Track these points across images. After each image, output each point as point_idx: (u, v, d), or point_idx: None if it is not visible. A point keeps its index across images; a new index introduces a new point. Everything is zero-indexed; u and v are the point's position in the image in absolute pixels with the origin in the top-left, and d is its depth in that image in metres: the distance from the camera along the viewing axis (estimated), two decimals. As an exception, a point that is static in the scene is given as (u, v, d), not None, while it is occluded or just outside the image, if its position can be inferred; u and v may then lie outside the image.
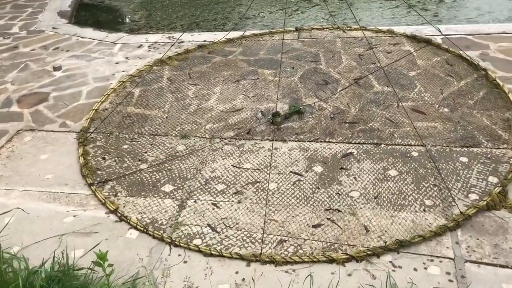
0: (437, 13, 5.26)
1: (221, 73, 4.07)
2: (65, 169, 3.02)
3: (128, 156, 3.12)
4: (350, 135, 3.23)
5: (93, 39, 4.98)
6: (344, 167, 2.93)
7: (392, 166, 2.89)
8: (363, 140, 3.16)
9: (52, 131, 3.44)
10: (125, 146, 3.23)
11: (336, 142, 3.17)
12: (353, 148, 3.08)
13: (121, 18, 5.89)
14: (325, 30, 4.76)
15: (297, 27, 4.83)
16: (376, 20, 5.18)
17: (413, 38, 4.35)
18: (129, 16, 5.90)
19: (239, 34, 4.79)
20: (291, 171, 2.92)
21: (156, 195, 2.78)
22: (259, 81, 3.92)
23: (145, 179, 2.91)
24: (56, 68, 4.30)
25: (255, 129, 3.35)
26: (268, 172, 2.89)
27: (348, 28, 4.69)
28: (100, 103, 3.73)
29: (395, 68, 3.92)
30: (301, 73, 3.97)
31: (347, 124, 3.35)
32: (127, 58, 4.47)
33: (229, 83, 3.92)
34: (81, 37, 5.05)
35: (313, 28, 4.80)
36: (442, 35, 4.38)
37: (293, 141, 3.19)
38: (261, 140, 3.23)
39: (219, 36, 4.81)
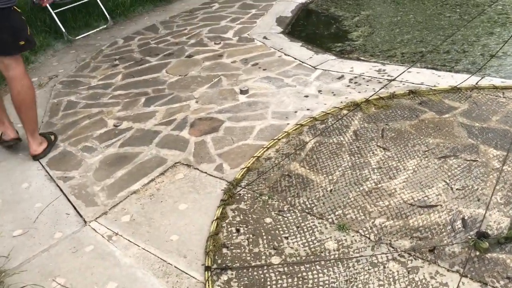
0: None
1: (425, 139, 3.02)
2: (193, 232, 2.57)
3: (265, 237, 2.48)
4: None
5: (295, 59, 4.43)
6: None
7: None
8: None
9: (205, 172, 3.04)
10: (268, 220, 2.59)
11: None
12: None
13: (338, 33, 5.18)
14: None
15: None
16: None
17: None
18: (348, 32, 5.14)
19: (472, 81, 3.56)
20: None
21: (270, 317, 2.09)
22: (477, 165, 2.74)
23: (268, 283, 2.23)
24: (243, 92, 3.91)
25: (443, 248, 2.28)
26: None
27: None
28: (265, 149, 3.18)
29: None
30: (548, 167, 2.63)
31: None
32: (320, 91, 3.78)
33: (431, 158, 2.85)
34: (285, 54, 4.56)
35: None
36: None
37: (500, 289, 2.04)
38: (447, 270, 2.16)
39: (443, 80, 3.67)
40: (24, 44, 3.22)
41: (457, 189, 2.60)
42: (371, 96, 3.51)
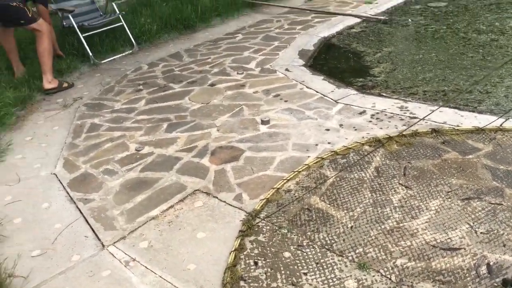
0: None
1: (448, 180, 2.99)
2: (211, 262, 2.54)
3: (283, 272, 2.44)
4: None
5: (316, 92, 4.46)
6: None
7: None
8: None
9: (224, 202, 3.03)
10: (287, 254, 2.56)
11: None
12: None
13: (359, 69, 5.22)
14: None
15: None
16: None
17: None
18: (369, 68, 5.18)
19: (496, 122, 3.53)
20: None
21: None
22: (502, 209, 2.69)
23: (285, 320, 2.19)
24: (264, 122, 3.94)
25: (467, 294, 2.23)
26: None
27: None
28: (285, 180, 3.17)
29: None
30: None
31: None
32: (341, 125, 3.78)
33: (454, 199, 2.81)
34: (306, 87, 4.59)
35: None
36: None
37: None
38: (472, 318, 2.10)
39: (466, 120, 3.65)
40: (25, 22, 4.84)
41: (481, 232, 2.54)
42: (393, 134, 3.50)
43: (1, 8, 4.73)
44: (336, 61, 5.56)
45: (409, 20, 6.77)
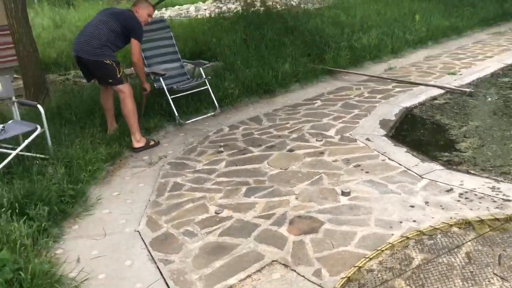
0: None
1: (552, 274, 2.71)
2: None
3: None
4: None
5: (400, 164, 4.34)
6: None
7: None
8: None
9: (303, 276, 2.94)
10: None
11: None
12: None
13: (444, 142, 5.04)
14: None
15: None
16: None
17: None
18: (455, 142, 4.99)
19: None
20: None
21: None
22: None
23: None
24: (344, 193, 3.86)
25: None
26: None
27: None
28: (368, 259, 3.03)
29: None
30: None
31: None
32: (426, 202, 3.62)
33: (560, 298, 2.53)
34: (389, 159, 4.49)
35: None
36: None
37: None
38: None
39: None
40: (112, 81, 5.14)
41: None
42: (485, 217, 3.28)
43: (96, 64, 5.02)
44: (419, 133, 5.42)
45: (493, 94, 6.47)
